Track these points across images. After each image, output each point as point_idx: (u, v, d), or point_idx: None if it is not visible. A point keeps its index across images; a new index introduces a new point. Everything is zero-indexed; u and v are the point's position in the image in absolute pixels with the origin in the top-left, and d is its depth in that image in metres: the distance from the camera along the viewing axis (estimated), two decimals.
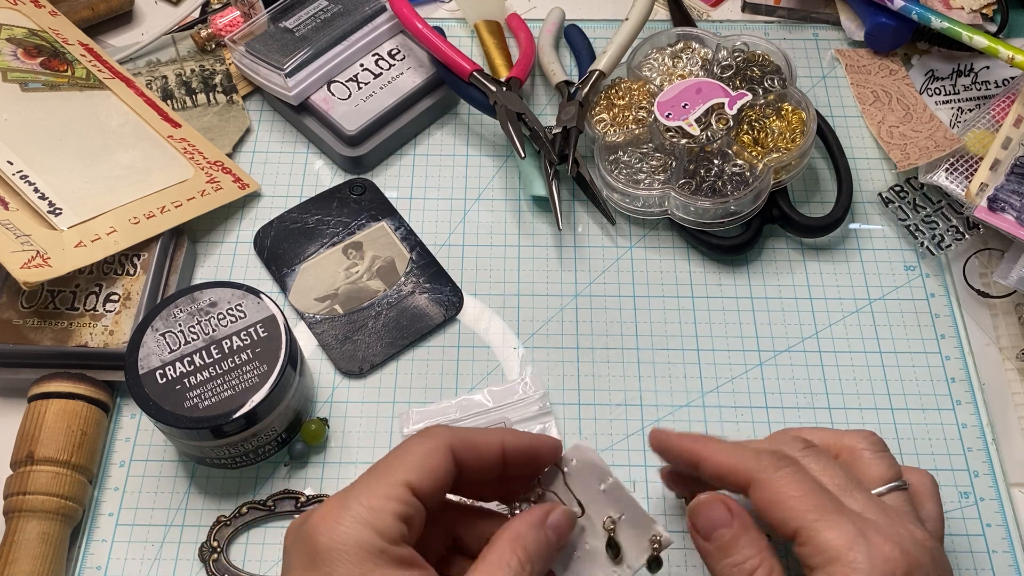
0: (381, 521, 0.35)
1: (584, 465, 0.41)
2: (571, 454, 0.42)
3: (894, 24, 0.67)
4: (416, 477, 0.36)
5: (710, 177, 0.58)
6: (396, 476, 0.36)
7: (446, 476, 0.37)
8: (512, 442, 0.40)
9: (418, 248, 0.61)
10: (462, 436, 0.38)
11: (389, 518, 0.35)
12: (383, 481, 0.36)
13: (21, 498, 0.49)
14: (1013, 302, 0.58)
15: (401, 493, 0.36)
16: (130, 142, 0.62)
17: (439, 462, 0.37)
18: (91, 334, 0.54)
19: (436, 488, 0.37)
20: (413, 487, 0.36)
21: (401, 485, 0.36)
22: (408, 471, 0.37)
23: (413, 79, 0.66)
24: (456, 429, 0.39)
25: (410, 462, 0.37)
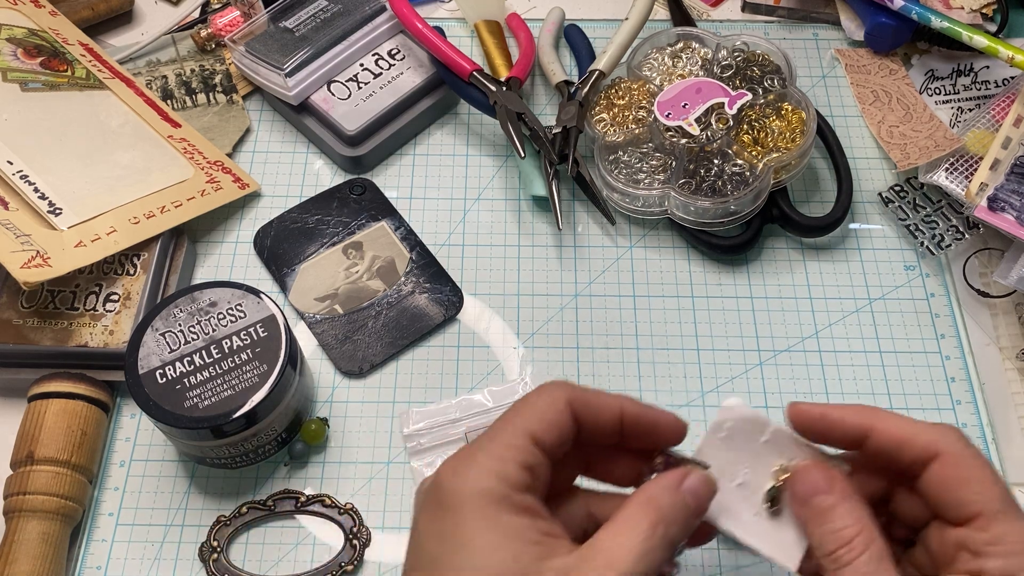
0: (505, 469, 0.35)
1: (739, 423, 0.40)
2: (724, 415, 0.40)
3: (894, 24, 0.67)
4: (538, 428, 0.37)
5: (710, 177, 0.58)
6: (518, 427, 0.37)
7: (566, 430, 0.37)
8: (631, 409, 0.39)
9: (418, 248, 0.61)
10: (580, 394, 0.38)
11: (512, 466, 0.35)
12: (507, 432, 0.37)
13: (21, 498, 0.49)
14: (1013, 302, 0.58)
15: (524, 443, 0.36)
16: (130, 142, 0.62)
17: (559, 415, 0.37)
18: (91, 334, 0.54)
19: (558, 440, 0.37)
20: (535, 437, 0.36)
21: (524, 435, 0.36)
22: (529, 422, 0.37)
23: (413, 79, 0.66)
24: (575, 386, 0.38)
25: (531, 414, 0.37)
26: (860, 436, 0.38)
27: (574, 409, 0.38)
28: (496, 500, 0.35)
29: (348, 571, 0.50)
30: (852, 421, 0.38)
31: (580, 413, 0.38)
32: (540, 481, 0.37)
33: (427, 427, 0.53)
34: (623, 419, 0.38)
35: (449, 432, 0.53)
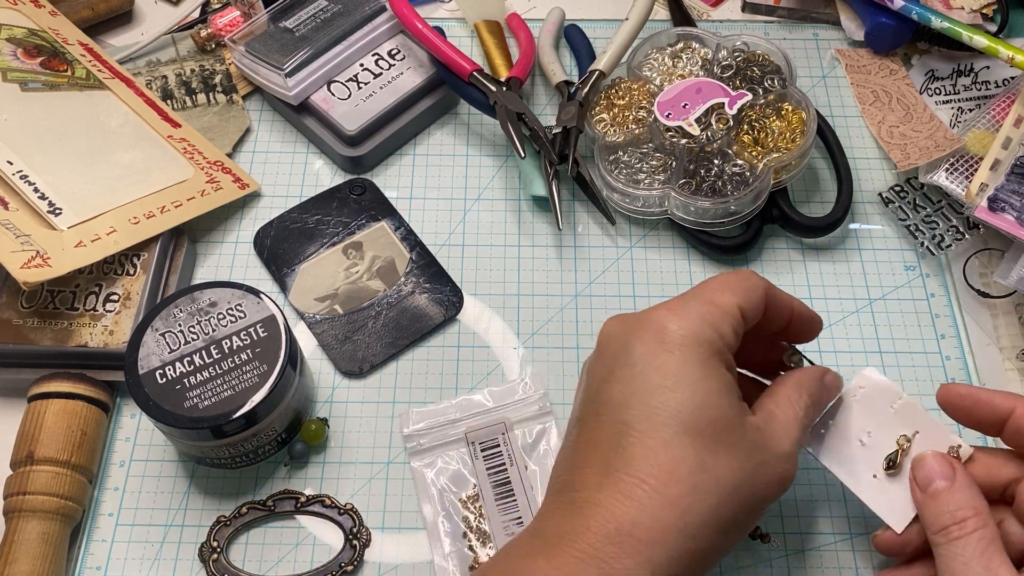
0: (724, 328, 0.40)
1: (873, 389, 0.45)
2: (859, 381, 0.45)
3: (894, 24, 0.67)
4: (746, 303, 0.41)
5: (710, 177, 0.58)
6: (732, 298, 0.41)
7: (760, 311, 0.42)
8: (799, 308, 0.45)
9: (418, 248, 0.61)
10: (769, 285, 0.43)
11: (728, 328, 0.40)
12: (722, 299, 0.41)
13: (21, 498, 0.49)
14: (1013, 302, 0.58)
15: (736, 312, 0.41)
16: (130, 142, 0.62)
17: (760, 298, 0.42)
18: (91, 334, 0.54)
19: (753, 319, 0.42)
20: (743, 310, 0.41)
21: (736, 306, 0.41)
22: (741, 296, 0.41)
23: (413, 79, 0.66)
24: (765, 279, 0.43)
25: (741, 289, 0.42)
26: (1003, 417, 0.41)
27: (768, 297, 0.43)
28: (717, 353, 0.39)
29: (348, 571, 0.50)
30: (997, 402, 0.41)
31: (769, 303, 0.43)
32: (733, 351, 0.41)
33: (427, 427, 0.53)
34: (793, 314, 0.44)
35: (449, 432, 0.53)
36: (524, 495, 0.51)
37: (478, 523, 0.50)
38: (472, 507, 0.51)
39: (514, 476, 0.51)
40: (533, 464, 0.52)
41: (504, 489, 0.51)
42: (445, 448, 0.53)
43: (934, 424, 0.43)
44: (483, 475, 0.52)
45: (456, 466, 0.52)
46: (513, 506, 0.50)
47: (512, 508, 0.50)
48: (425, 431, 0.53)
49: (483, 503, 0.51)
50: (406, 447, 0.53)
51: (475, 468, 0.52)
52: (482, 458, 0.52)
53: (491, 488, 0.51)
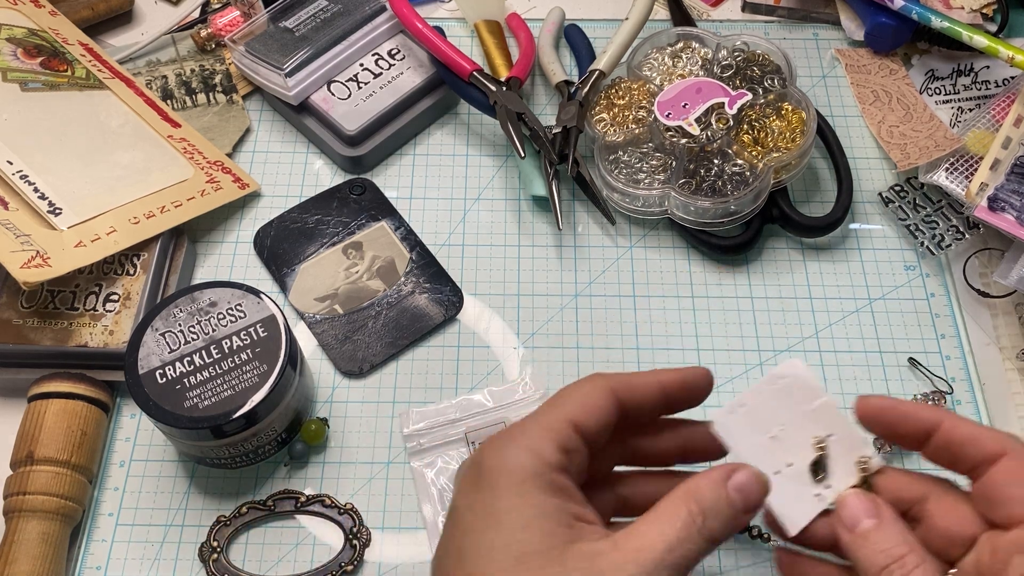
0: (542, 449, 0.36)
1: (794, 382, 0.41)
2: (782, 370, 0.41)
3: (894, 24, 0.67)
4: (579, 414, 0.38)
5: (710, 177, 0.58)
6: (559, 413, 0.38)
7: (607, 417, 0.38)
8: (669, 379, 0.40)
9: (418, 248, 0.61)
10: (621, 379, 0.39)
11: (550, 447, 0.36)
12: (547, 416, 0.38)
13: (21, 498, 0.49)
14: (1013, 302, 0.58)
15: (563, 427, 0.37)
16: (130, 142, 0.62)
17: (600, 401, 0.38)
18: (91, 334, 0.54)
19: (598, 426, 0.38)
20: (576, 423, 0.37)
21: (564, 420, 0.37)
22: (570, 409, 0.38)
23: (413, 79, 0.66)
24: (613, 374, 0.40)
25: (572, 401, 0.38)
26: (928, 431, 0.38)
27: (617, 393, 0.39)
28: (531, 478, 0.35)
29: (348, 571, 0.50)
30: (923, 415, 0.39)
31: (623, 395, 0.39)
32: (576, 466, 0.37)
33: (427, 427, 0.53)
34: (664, 389, 0.40)
35: (449, 432, 0.53)
36: None
37: None
38: None
39: None
40: None
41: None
42: (445, 448, 0.53)
43: (850, 430, 0.40)
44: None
45: (456, 466, 0.52)
46: None
47: None
48: (425, 431, 0.53)
49: None
50: (406, 447, 0.53)
51: None
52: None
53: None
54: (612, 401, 0.39)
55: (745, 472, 0.37)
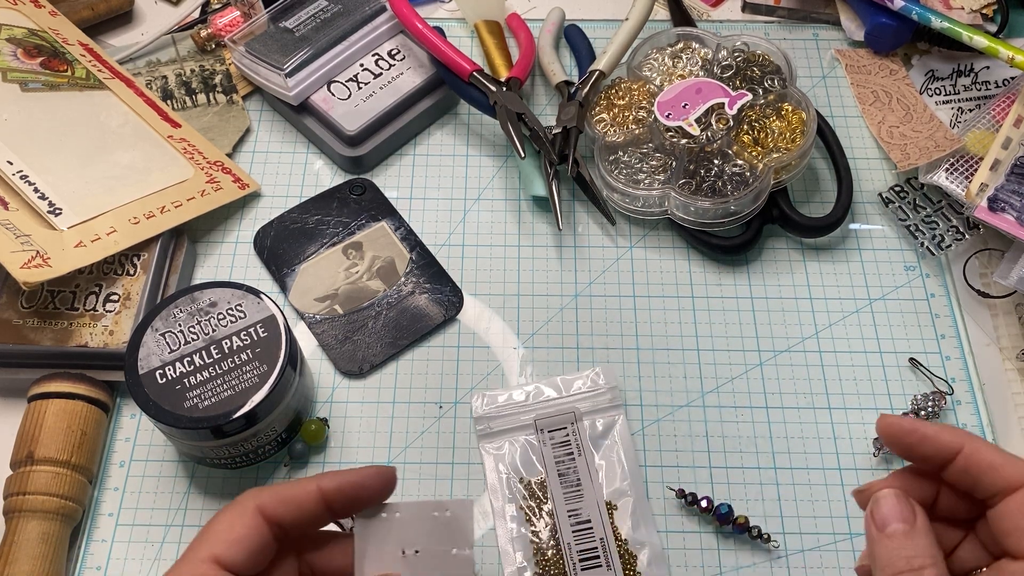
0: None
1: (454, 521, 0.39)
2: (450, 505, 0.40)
3: (894, 24, 0.67)
4: (222, 549, 0.36)
5: (710, 177, 0.58)
6: (200, 553, 0.36)
7: (257, 541, 0.36)
8: (330, 486, 0.38)
9: (418, 248, 0.61)
10: (273, 494, 0.37)
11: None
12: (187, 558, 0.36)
13: (21, 498, 0.49)
14: (1013, 302, 0.58)
15: (204, 569, 0.35)
16: (130, 142, 0.62)
17: (246, 528, 0.36)
18: (91, 334, 0.54)
19: (248, 554, 0.36)
20: (219, 559, 0.35)
21: (205, 562, 0.35)
22: (212, 545, 0.36)
23: (413, 79, 0.66)
24: (266, 489, 0.38)
25: (214, 535, 0.36)
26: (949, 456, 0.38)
27: (267, 512, 0.37)
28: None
29: None
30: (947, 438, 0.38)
31: (276, 513, 0.37)
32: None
33: (495, 412, 0.54)
34: (324, 496, 0.38)
35: (520, 418, 0.53)
36: (591, 485, 0.51)
37: (543, 509, 0.51)
38: (539, 494, 0.51)
39: (581, 466, 0.51)
40: (600, 458, 0.52)
41: (571, 478, 0.51)
42: (513, 433, 0.53)
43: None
44: (551, 463, 0.52)
45: (524, 452, 0.52)
46: (578, 495, 0.51)
47: (577, 497, 0.51)
48: (494, 415, 0.53)
49: (550, 490, 0.51)
50: (475, 430, 0.54)
51: (543, 455, 0.52)
52: (550, 446, 0.52)
53: (557, 476, 0.51)
54: (259, 524, 0.37)
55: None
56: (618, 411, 0.54)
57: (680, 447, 0.53)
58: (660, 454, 0.53)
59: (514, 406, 0.54)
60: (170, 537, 0.51)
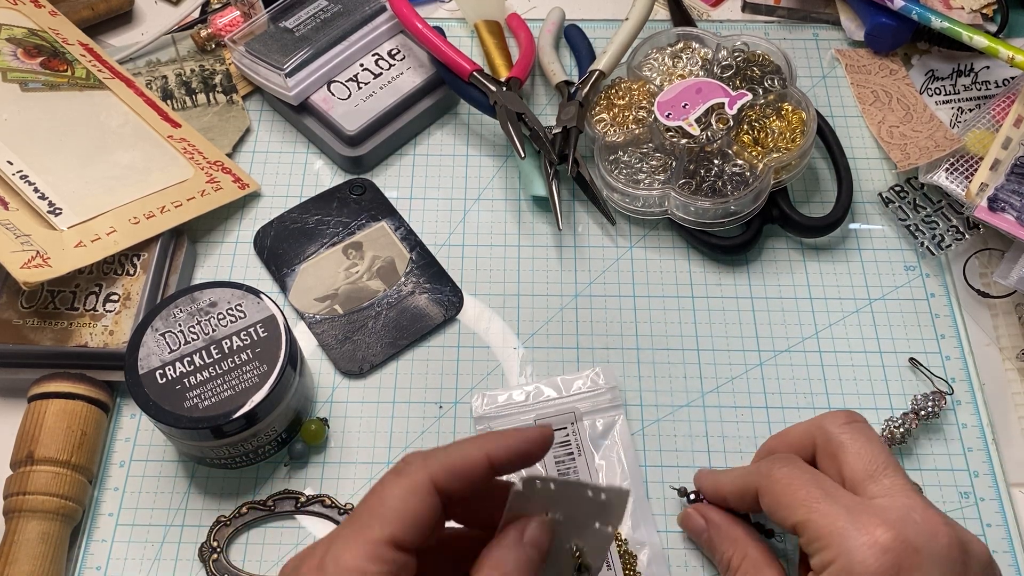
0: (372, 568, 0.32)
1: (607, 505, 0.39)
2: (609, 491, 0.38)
3: (894, 24, 0.67)
4: (398, 528, 0.33)
5: (710, 177, 0.58)
6: (375, 532, 0.33)
7: (432, 517, 0.34)
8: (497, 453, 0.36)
9: (418, 248, 0.61)
10: (443, 463, 0.35)
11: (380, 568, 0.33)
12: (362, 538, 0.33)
13: (21, 498, 0.49)
14: (1013, 302, 0.58)
15: (383, 552, 0.33)
16: (130, 142, 0.62)
17: (421, 504, 0.34)
18: (91, 334, 0.54)
19: (422, 532, 0.34)
20: (396, 540, 0.33)
21: (382, 543, 0.33)
22: (388, 523, 0.33)
23: (413, 79, 0.66)
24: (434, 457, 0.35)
25: (390, 512, 0.34)
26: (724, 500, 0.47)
27: (439, 485, 0.35)
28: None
29: None
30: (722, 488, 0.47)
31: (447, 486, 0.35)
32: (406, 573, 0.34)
33: (495, 412, 0.54)
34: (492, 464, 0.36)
35: (520, 419, 0.53)
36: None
37: None
38: None
39: (581, 466, 0.51)
40: (600, 458, 0.52)
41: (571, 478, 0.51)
42: None
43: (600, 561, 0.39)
44: (550, 463, 0.52)
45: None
46: None
47: None
48: (494, 415, 0.53)
49: None
50: (475, 430, 0.54)
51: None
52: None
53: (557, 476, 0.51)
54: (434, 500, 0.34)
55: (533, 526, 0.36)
56: (618, 411, 0.54)
57: (680, 447, 0.53)
58: (660, 454, 0.53)
59: (514, 406, 0.54)
60: (170, 537, 0.51)
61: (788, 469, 0.42)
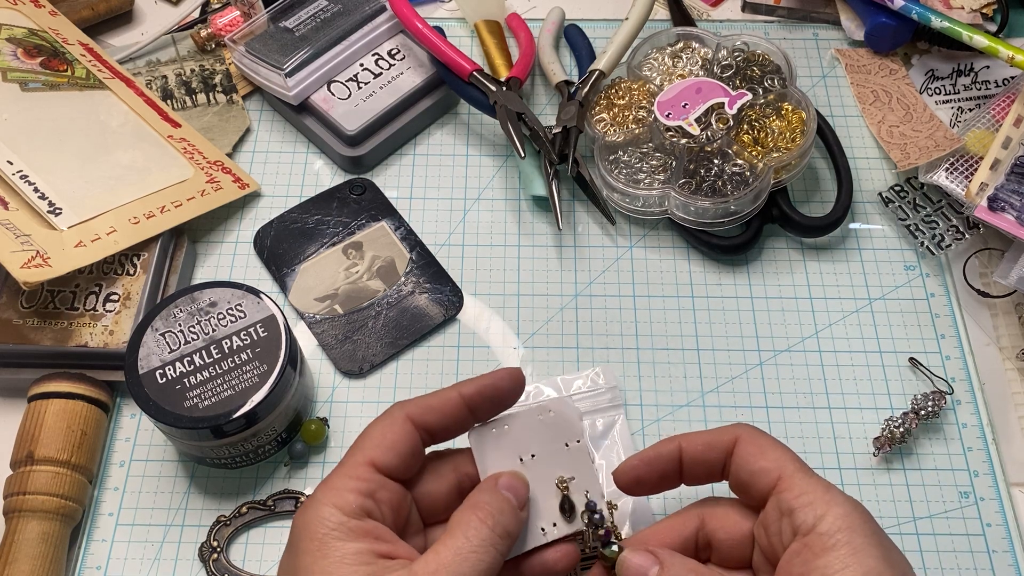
0: (340, 499, 0.37)
1: (559, 419, 0.43)
2: (552, 405, 0.43)
3: (894, 24, 0.67)
4: (377, 454, 0.39)
5: (710, 177, 0.58)
6: (357, 457, 0.39)
7: (408, 445, 0.40)
8: (469, 391, 0.41)
9: (418, 248, 0.61)
10: (419, 403, 0.41)
11: (349, 495, 0.38)
12: (346, 463, 0.39)
13: (21, 498, 0.49)
14: (1013, 302, 0.58)
15: (361, 471, 0.38)
16: (130, 142, 0.62)
17: (397, 435, 0.40)
18: (91, 334, 0.54)
19: (399, 459, 0.39)
20: (374, 463, 0.39)
21: (362, 465, 0.39)
22: (367, 450, 0.39)
23: (413, 79, 0.66)
24: (411, 400, 0.41)
25: (369, 441, 0.40)
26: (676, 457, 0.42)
27: (415, 419, 0.40)
28: (330, 529, 0.37)
29: None
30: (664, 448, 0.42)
31: (424, 420, 0.40)
32: (385, 504, 0.39)
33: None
34: (465, 401, 0.41)
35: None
36: None
37: None
38: None
39: None
40: (600, 458, 0.52)
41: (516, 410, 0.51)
42: None
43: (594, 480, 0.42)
44: None
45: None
46: None
47: None
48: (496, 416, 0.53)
49: None
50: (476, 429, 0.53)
51: None
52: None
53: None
54: (410, 429, 0.40)
55: (507, 475, 0.41)
56: (618, 411, 0.54)
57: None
58: None
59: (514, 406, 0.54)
60: (170, 537, 0.51)
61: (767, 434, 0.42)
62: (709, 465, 0.42)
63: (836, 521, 0.37)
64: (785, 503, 0.38)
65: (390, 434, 0.40)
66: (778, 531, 0.39)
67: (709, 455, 0.41)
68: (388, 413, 0.41)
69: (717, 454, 0.41)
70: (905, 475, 0.52)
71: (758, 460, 0.40)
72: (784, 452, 0.40)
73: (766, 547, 0.40)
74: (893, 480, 0.52)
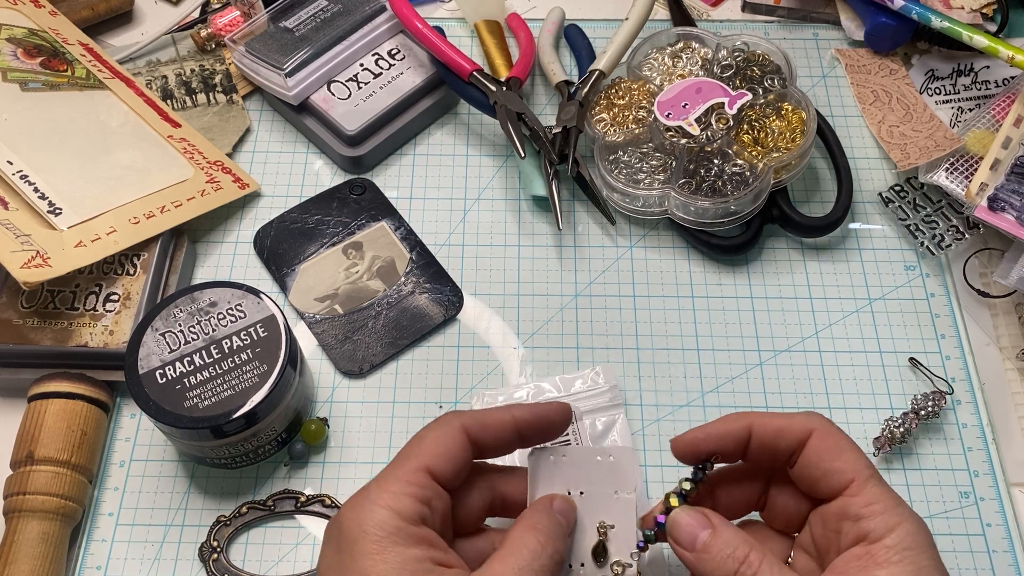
0: (399, 503, 0.37)
1: (616, 466, 0.42)
2: (614, 451, 0.43)
3: (894, 24, 0.67)
4: (432, 461, 0.39)
5: (710, 177, 0.58)
6: (413, 462, 0.39)
7: (462, 457, 0.40)
8: (522, 416, 0.41)
9: (418, 248, 0.61)
10: (475, 417, 0.41)
11: (407, 500, 0.37)
12: (402, 468, 0.39)
13: (21, 498, 0.49)
14: (1013, 302, 0.58)
15: (419, 478, 0.38)
16: (130, 142, 0.62)
17: (453, 444, 0.39)
18: (91, 334, 0.54)
19: (454, 469, 0.39)
20: (431, 470, 0.39)
21: (419, 471, 0.38)
22: (424, 456, 0.39)
23: (413, 79, 0.66)
24: (467, 412, 0.41)
25: (426, 447, 0.39)
26: (744, 436, 0.41)
27: (470, 433, 0.40)
28: (389, 533, 0.37)
29: None
30: (734, 425, 0.41)
31: (477, 435, 0.40)
32: (438, 513, 0.39)
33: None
34: (517, 425, 0.41)
35: None
36: None
37: None
38: None
39: None
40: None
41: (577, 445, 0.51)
42: None
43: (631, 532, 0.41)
44: None
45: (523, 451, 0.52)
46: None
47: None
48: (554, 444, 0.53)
49: None
50: None
51: None
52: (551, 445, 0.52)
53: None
54: (464, 441, 0.40)
55: (560, 499, 0.41)
56: (618, 411, 0.54)
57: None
58: (660, 454, 0.53)
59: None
60: (170, 537, 0.51)
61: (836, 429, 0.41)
62: (777, 452, 0.41)
63: (906, 538, 0.37)
64: (854, 508, 0.38)
65: (444, 443, 0.39)
66: (837, 529, 0.39)
67: (779, 443, 0.40)
68: (444, 421, 0.40)
69: (788, 443, 0.40)
70: (905, 475, 0.52)
71: (834, 460, 0.39)
72: (859, 456, 0.39)
73: (819, 537, 0.40)
74: (893, 480, 0.52)
